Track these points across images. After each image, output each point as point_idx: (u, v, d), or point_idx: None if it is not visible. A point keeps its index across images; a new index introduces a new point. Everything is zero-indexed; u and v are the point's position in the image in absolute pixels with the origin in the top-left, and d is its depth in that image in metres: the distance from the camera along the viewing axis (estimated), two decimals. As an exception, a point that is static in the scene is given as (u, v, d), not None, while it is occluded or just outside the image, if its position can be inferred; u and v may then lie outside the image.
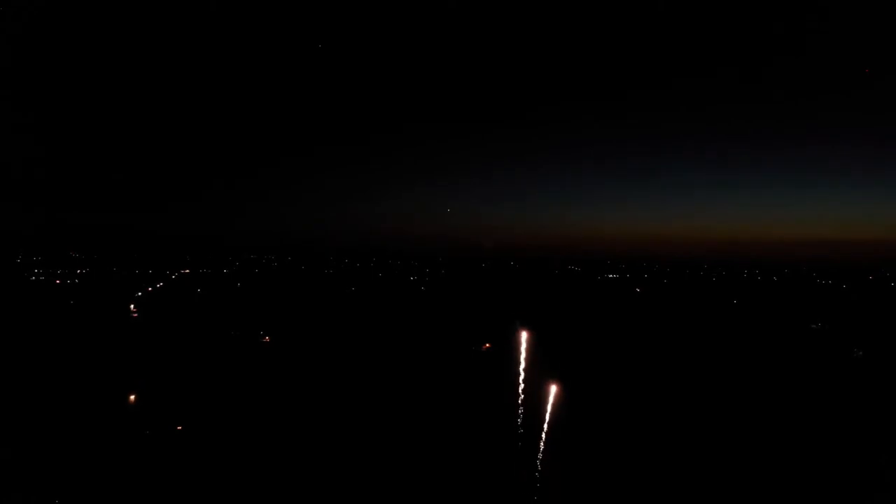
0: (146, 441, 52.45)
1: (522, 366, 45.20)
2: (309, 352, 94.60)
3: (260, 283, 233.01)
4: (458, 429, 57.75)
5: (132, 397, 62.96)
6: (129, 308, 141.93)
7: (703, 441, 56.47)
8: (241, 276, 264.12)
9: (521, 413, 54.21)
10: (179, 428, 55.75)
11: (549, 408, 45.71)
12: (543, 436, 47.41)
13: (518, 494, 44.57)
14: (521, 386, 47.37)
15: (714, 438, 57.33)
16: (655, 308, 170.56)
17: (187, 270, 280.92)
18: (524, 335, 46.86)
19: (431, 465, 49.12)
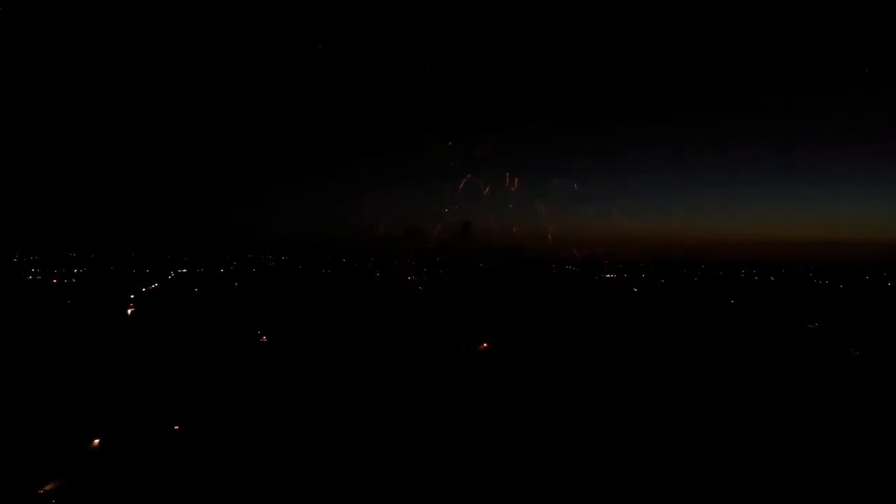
0: (142, 441, 52.33)
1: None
2: (307, 352, 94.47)
3: (257, 282, 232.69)
4: (453, 430, 57.73)
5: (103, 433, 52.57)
6: (127, 307, 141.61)
7: (699, 441, 56.52)
8: (238, 275, 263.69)
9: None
10: (176, 428, 55.65)
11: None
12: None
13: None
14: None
15: (711, 439, 57.38)
16: (653, 308, 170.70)
17: (185, 270, 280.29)
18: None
19: (428, 465, 49.10)
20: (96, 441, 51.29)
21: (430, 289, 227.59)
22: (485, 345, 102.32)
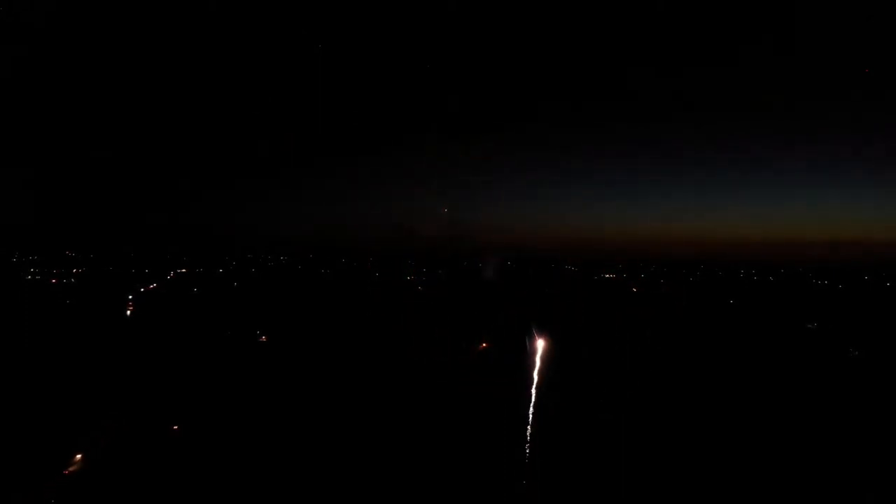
0: (142, 440, 52.17)
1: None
2: (306, 352, 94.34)
3: (257, 282, 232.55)
4: (453, 431, 57.63)
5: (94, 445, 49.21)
6: (126, 307, 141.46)
7: (698, 441, 56.41)
8: (237, 275, 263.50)
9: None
10: (175, 427, 55.51)
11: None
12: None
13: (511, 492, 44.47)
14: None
15: (711, 438, 57.28)
16: (652, 308, 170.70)
17: (184, 270, 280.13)
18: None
19: (429, 466, 48.96)
20: (96, 441, 50.07)
21: (429, 289, 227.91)
22: (484, 345, 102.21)
